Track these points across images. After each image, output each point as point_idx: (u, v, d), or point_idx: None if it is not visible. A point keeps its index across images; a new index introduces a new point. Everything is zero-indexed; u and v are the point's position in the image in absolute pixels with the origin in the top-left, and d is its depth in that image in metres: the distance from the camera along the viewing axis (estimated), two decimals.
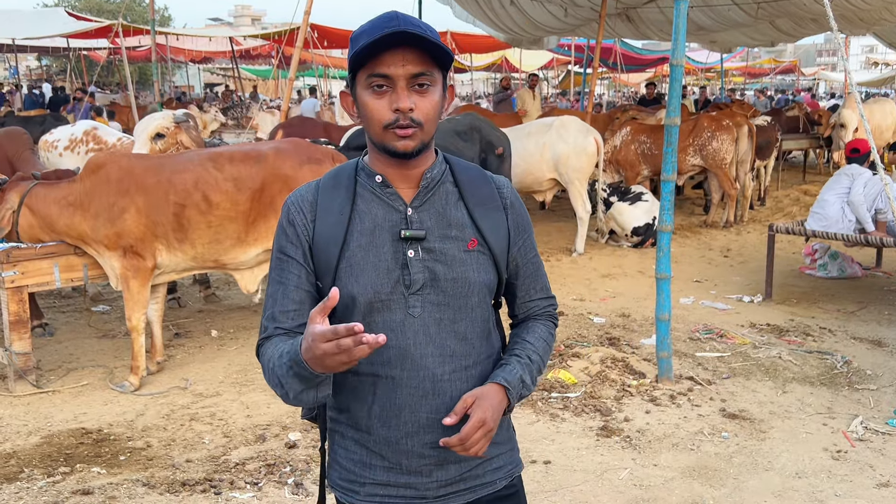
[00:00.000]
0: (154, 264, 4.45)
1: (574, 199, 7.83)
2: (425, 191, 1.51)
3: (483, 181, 1.59)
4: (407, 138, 1.44)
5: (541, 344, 1.64)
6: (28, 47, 23.06)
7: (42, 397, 4.43)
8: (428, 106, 1.44)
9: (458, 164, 1.60)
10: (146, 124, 5.42)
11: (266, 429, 4.02)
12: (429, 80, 1.43)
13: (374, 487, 1.54)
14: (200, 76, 39.93)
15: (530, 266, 1.64)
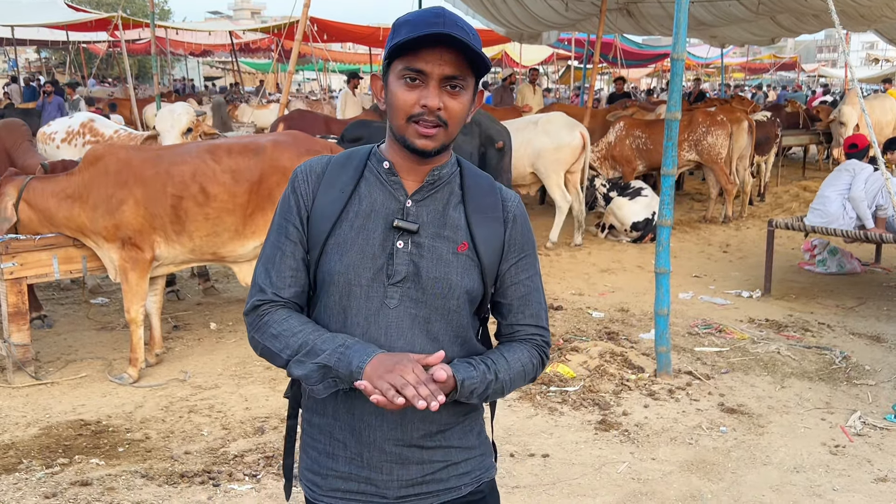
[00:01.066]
0: (152, 256, 4.45)
1: (551, 189, 7.84)
2: (429, 186, 1.51)
3: (490, 191, 1.57)
4: (428, 138, 1.44)
5: (516, 367, 1.54)
6: (28, 40, 22.99)
7: (41, 389, 4.43)
8: (457, 108, 1.45)
9: (469, 169, 1.59)
10: (174, 120, 5.42)
11: (265, 421, 4.02)
12: (462, 84, 1.44)
13: (336, 481, 1.54)
14: (200, 69, 39.88)
15: (521, 288, 1.57)
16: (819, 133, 12.89)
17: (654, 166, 9.32)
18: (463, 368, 1.46)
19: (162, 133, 5.39)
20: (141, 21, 16.63)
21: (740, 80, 38.67)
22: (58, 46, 27.78)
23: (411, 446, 1.51)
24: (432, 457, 1.53)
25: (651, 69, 36.42)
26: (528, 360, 1.56)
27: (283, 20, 20.23)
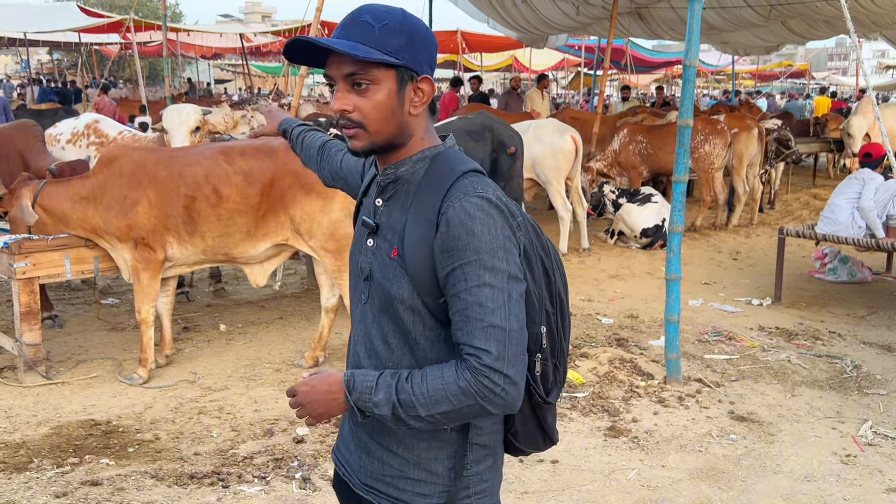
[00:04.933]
0: (164, 257, 4.46)
1: (553, 198, 7.82)
2: (390, 185, 1.50)
3: (436, 189, 1.42)
4: (352, 138, 1.46)
5: (433, 383, 1.36)
6: (40, 41, 23.13)
7: (51, 388, 4.45)
8: (367, 106, 1.42)
9: (436, 166, 1.46)
10: (182, 118, 5.45)
11: (274, 423, 4.03)
12: (365, 79, 1.41)
13: (339, 442, 1.69)
14: (211, 72, 40.03)
15: (458, 301, 1.37)
16: (830, 141, 12.84)
17: (657, 171, 9.32)
18: (361, 372, 1.44)
19: (170, 131, 5.41)
20: (153, 23, 16.71)
21: (750, 87, 38.58)
22: (70, 48, 27.95)
23: (371, 438, 1.55)
24: (390, 460, 1.53)
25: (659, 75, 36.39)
26: (451, 379, 1.35)
27: (294, 23, 20.30)
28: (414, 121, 1.48)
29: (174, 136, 5.35)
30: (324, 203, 4.52)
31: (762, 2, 11.50)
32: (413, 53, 1.43)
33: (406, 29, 1.42)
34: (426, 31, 1.46)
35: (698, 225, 9.34)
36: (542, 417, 1.57)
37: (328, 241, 4.56)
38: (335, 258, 4.59)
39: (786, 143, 10.13)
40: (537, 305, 1.49)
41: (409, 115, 1.47)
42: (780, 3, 11.29)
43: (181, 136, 5.36)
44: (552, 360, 1.54)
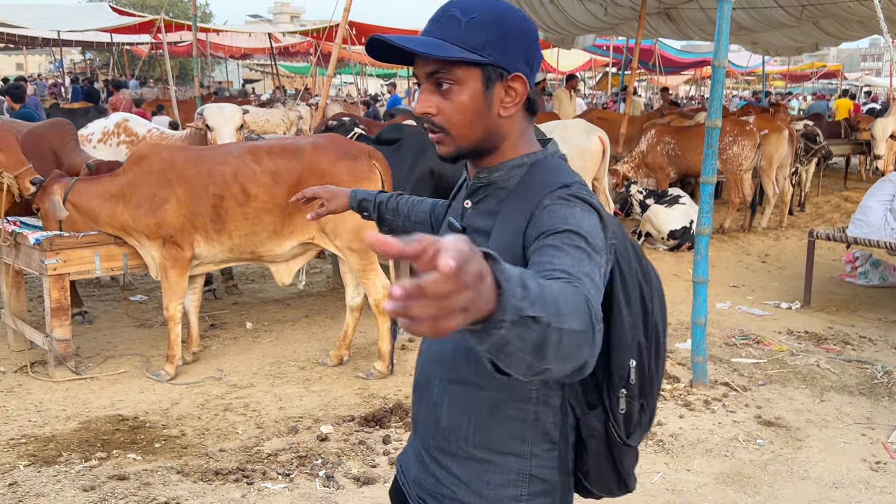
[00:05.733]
0: (192, 255, 4.51)
1: None
2: (481, 189, 1.41)
3: (527, 200, 1.30)
4: (438, 143, 1.38)
5: (559, 290, 0.99)
6: (73, 41, 23.51)
7: (80, 383, 4.51)
8: (450, 109, 1.33)
9: (534, 175, 1.35)
10: (227, 117, 5.53)
11: (298, 421, 4.05)
12: (447, 79, 1.31)
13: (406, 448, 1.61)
14: (239, 72, 40.39)
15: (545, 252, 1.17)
16: (861, 143, 12.63)
17: (685, 172, 9.23)
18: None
19: (216, 129, 5.50)
20: (183, 23, 16.90)
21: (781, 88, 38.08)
22: (102, 48, 28.36)
23: (428, 453, 1.48)
24: (444, 478, 1.44)
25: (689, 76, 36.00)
26: (570, 290, 1.03)
27: (322, 24, 20.42)
28: (505, 123, 1.37)
29: (221, 134, 5.44)
30: None
31: (793, 2, 11.34)
32: (503, 50, 1.30)
33: (496, 22, 1.30)
34: (522, 24, 1.32)
35: (727, 227, 9.24)
36: (619, 460, 1.43)
37: (353, 241, 4.58)
38: (360, 257, 4.61)
39: (813, 139, 9.98)
40: (629, 335, 1.36)
41: (499, 117, 1.35)
42: (811, 4, 11.12)
43: (228, 133, 5.46)
44: (639, 399, 1.40)
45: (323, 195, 1.90)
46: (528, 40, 1.33)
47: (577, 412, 1.40)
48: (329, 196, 1.89)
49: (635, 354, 1.37)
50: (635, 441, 1.43)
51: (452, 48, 1.29)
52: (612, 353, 1.35)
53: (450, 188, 5.56)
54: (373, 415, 4.09)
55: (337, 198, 1.89)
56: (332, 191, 1.90)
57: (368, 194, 1.89)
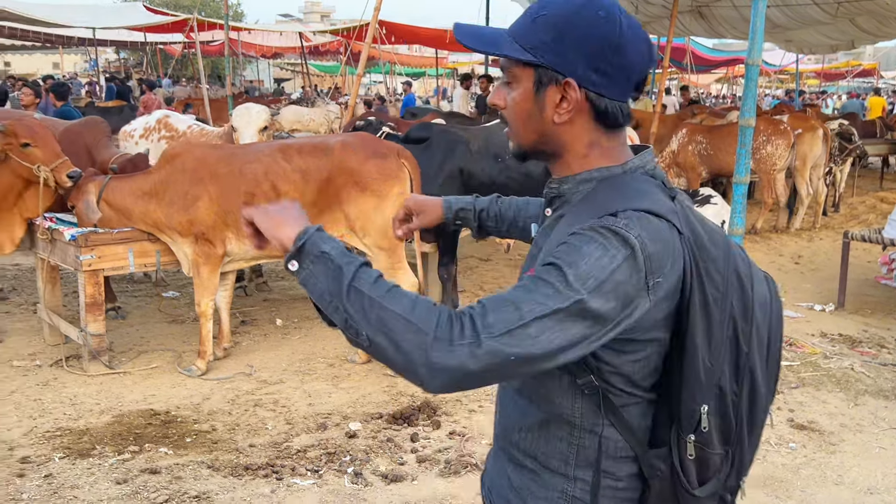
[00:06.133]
0: (224, 252, 4.56)
1: None
2: (553, 201, 1.34)
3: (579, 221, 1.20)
4: (508, 138, 1.35)
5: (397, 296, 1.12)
6: (108, 41, 23.87)
7: (114, 378, 4.58)
8: (508, 104, 1.30)
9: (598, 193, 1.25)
10: (251, 118, 5.56)
11: (327, 417, 4.08)
12: (508, 74, 1.29)
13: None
14: (270, 71, 40.73)
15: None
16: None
17: (717, 172, 9.12)
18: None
19: (239, 130, 5.54)
20: (215, 22, 17.09)
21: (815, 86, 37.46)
22: (136, 47, 28.77)
23: (497, 454, 1.43)
24: (503, 479, 1.39)
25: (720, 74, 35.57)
26: (423, 305, 1.11)
27: (352, 23, 20.52)
28: (564, 131, 1.28)
29: (243, 135, 5.48)
30: (378, 202, 4.56)
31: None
32: (559, 52, 1.22)
33: (561, 22, 1.22)
34: (593, 28, 1.21)
35: (759, 227, 9.11)
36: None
37: (382, 239, 4.60)
38: (388, 255, 4.62)
39: (848, 138, 9.80)
40: (703, 378, 1.23)
41: (554, 123, 1.27)
42: (847, 0, 10.93)
43: (249, 134, 5.49)
44: (721, 448, 1.28)
45: (413, 208, 1.73)
46: (596, 45, 1.21)
47: (636, 448, 1.30)
48: (419, 208, 1.73)
49: (712, 400, 1.25)
50: (705, 492, 1.29)
51: (507, 44, 1.26)
52: (682, 393, 1.24)
53: (479, 188, 5.54)
54: (401, 412, 4.10)
55: (428, 209, 1.73)
56: (422, 202, 1.74)
57: (466, 202, 1.74)
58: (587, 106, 1.26)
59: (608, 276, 1.12)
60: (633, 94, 1.28)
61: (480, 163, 5.52)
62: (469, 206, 1.74)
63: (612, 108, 1.26)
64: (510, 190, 5.72)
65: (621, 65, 1.22)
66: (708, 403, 1.25)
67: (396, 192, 4.58)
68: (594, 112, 1.26)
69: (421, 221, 1.73)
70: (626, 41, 1.22)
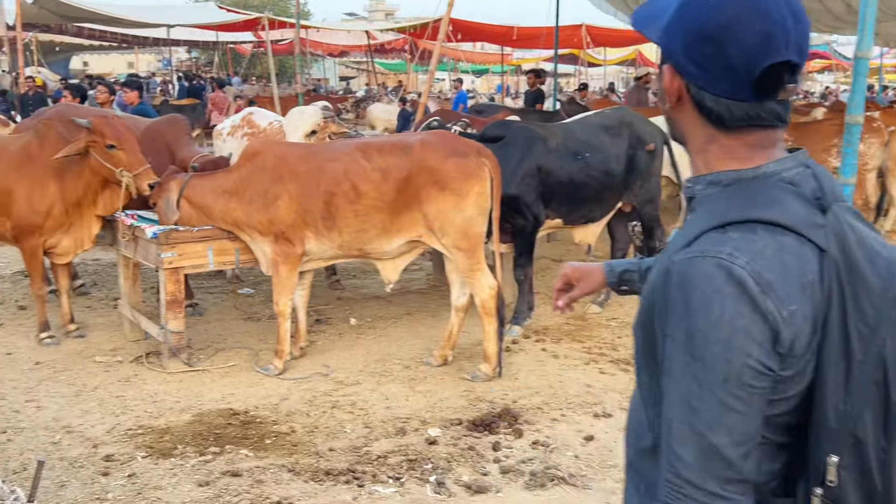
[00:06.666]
0: (303, 251, 4.52)
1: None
2: (692, 202, 1.24)
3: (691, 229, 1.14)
4: None
5: None
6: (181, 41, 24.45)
7: (193, 375, 4.59)
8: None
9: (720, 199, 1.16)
10: (299, 121, 5.54)
11: (406, 422, 3.98)
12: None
13: None
14: (336, 69, 41.18)
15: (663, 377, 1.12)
16: None
17: None
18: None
19: (287, 132, 5.54)
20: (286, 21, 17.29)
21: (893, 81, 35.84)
22: (207, 47, 29.42)
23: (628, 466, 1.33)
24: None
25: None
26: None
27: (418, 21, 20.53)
28: (679, 119, 1.21)
29: (289, 137, 5.46)
30: (457, 201, 4.45)
31: None
32: (670, 35, 1.14)
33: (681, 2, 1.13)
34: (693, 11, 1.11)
35: None
36: None
37: (461, 239, 4.48)
38: (467, 256, 4.51)
39: None
40: (832, 423, 1.08)
41: (670, 108, 1.20)
42: None
43: (296, 137, 5.43)
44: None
45: (572, 275, 1.67)
46: (692, 33, 1.10)
47: (757, 494, 1.14)
48: (579, 276, 1.67)
49: (845, 450, 1.08)
50: None
51: (652, 23, 1.17)
52: (810, 437, 1.11)
53: (557, 186, 5.35)
54: (481, 419, 3.98)
55: (590, 276, 1.66)
56: (581, 270, 1.68)
57: (629, 264, 1.63)
58: (688, 98, 1.16)
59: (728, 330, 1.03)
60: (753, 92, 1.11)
61: (559, 160, 5.36)
62: (634, 268, 1.62)
63: (715, 106, 1.13)
64: (590, 189, 5.56)
65: (719, 58, 1.10)
66: (839, 454, 1.08)
67: (476, 192, 4.46)
68: (697, 106, 1.16)
69: (582, 289, 1.66)
70: (728, 32, 1.08)
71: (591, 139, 5.56)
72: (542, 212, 5.30)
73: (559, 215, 5.48)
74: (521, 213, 5.17)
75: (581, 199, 5.48)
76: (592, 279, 1.66)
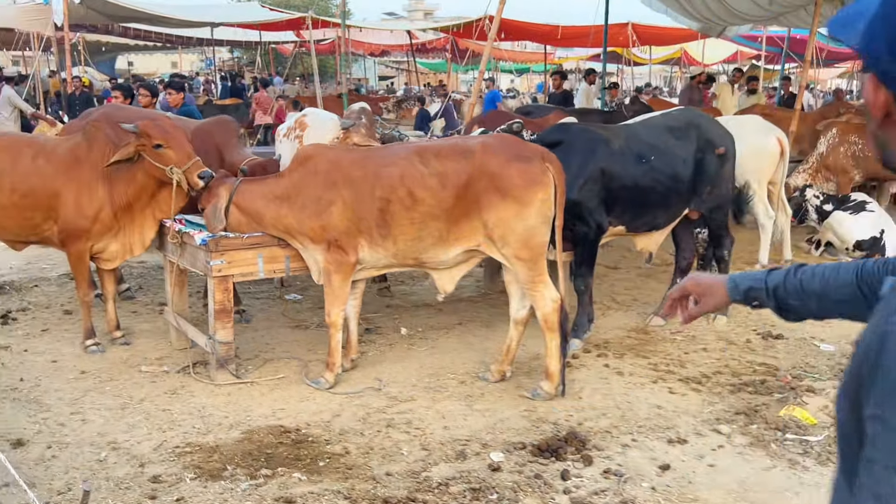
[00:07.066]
0: (356, 260, 4.31)
1: (754, 203, 7.00)
2: None
3: None
4: None
5: None
6: (224, 41, 24.54)
7: (241, 388, 4.41)
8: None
9: None
10: (319, 134, 5.42)
11: (466, 444, 3.74)
12: None
13: None
14: (376, 69, 41.14)
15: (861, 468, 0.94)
16: None
17: (872, 175, 8.30)
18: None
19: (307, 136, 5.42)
20: (329, 20, 17.20)
21: None
22: (249, 47, 29.54)
23: None
24: None
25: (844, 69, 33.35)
26: None
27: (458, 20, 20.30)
28: (890, 139, 1.01)
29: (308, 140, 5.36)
30: (519, 209, 4.19)
31: None
32: (871, 34, 0.97)
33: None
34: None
35: None
36: None
37: (522, 249, 4.22)
38: (528, 267, 4.24)
39: None
40: None
41: (877, 126, 1.02)
42: None
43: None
44: None
45: (693, 289, 1.57)
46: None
47: None
48: (701, 290, 1.56)
49: None
50: None
51: (849, 27, 1.00)
52: None
53: (622, 191, 5.05)
54: (546, 443, 3.72)
55: (712, 292, 1.55)
56: (703, 284, 1.56)
57: (754, 280, 1.51)
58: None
59: None
60: None
61: (622, 163, 5.08)
62: (759, 285, 1.50)
63: None
64: (656, 194, 5.25)
65: None
66: None
67: (540, 199, 4.19)
68: None
69: (705, 306, 1.56)
70: None
71: (657, 141, 5.26)
72: (605, 219, 5.02)
73: (622, 222, 5.19)
74: (583, 219, 4.90)
75: (646, 205, 5.18)
76: (716, 296, 1.55)
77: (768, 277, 1.48)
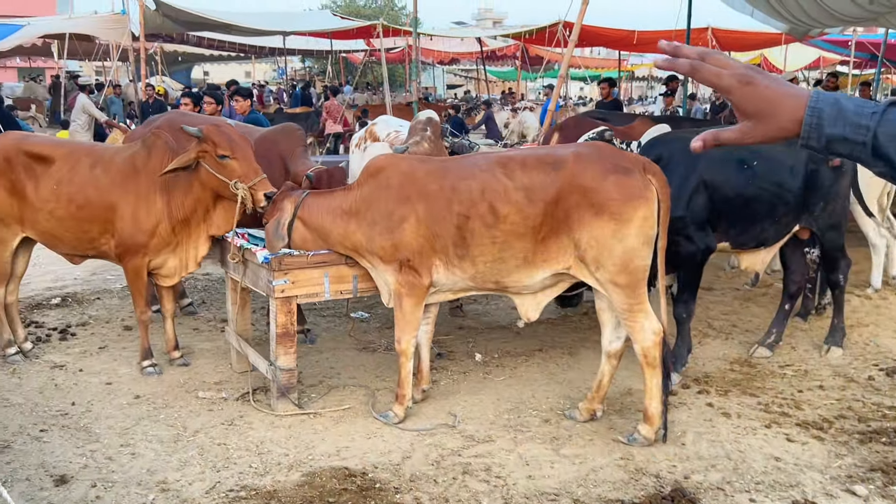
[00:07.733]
0: (430, 282, 3.88)
1: (863, 223, 6.28)
2: None
3: None
4: None
5: None
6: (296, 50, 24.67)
7: (303, 420, 4.03)
8: None
9: None
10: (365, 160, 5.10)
11: (555, 500, 3.26)
12: None
13: None
14: (444, 77, 40.96)
15: None
16: None
17: None
18: None
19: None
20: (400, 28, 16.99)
21: None
22: (320, 56, 29.72)
23: None
24: None
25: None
26: None
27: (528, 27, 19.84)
28: None
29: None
30: (617, 227, 3.68)
31: None
32: None
33: None
34: None
35: None
36: None
37: (619, 274, 3.71)
38: (626, 294, 3.73)
39: None
40: None
41: None
42: None
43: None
44: None
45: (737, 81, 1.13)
46: None
47: None
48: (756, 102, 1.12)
49: None
50: None
51: None
52: None
53: (726, 202, 4.49)
54: (648, 501, 3.21)
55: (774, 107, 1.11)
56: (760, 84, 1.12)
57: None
58: None
59: None
60: None
61: (725, 172, 4.54)
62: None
63: None
64: (762, 203, 4.68)
65: None
66: None
67: (641, 216, 3.68)
68: None
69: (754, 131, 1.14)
70: None
71: (759, 149, 4.69)
72: (712, 236, 4.48)
73: (727, 237, 4.64)
74: (689, 238, 4.36)
75: (751, 216, 4.61)
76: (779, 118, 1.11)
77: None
